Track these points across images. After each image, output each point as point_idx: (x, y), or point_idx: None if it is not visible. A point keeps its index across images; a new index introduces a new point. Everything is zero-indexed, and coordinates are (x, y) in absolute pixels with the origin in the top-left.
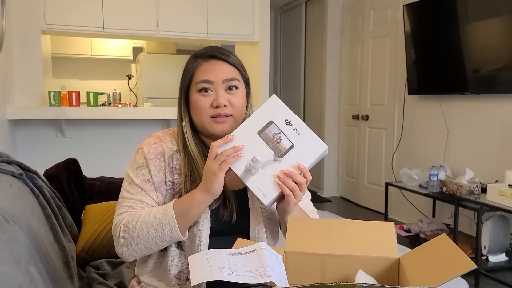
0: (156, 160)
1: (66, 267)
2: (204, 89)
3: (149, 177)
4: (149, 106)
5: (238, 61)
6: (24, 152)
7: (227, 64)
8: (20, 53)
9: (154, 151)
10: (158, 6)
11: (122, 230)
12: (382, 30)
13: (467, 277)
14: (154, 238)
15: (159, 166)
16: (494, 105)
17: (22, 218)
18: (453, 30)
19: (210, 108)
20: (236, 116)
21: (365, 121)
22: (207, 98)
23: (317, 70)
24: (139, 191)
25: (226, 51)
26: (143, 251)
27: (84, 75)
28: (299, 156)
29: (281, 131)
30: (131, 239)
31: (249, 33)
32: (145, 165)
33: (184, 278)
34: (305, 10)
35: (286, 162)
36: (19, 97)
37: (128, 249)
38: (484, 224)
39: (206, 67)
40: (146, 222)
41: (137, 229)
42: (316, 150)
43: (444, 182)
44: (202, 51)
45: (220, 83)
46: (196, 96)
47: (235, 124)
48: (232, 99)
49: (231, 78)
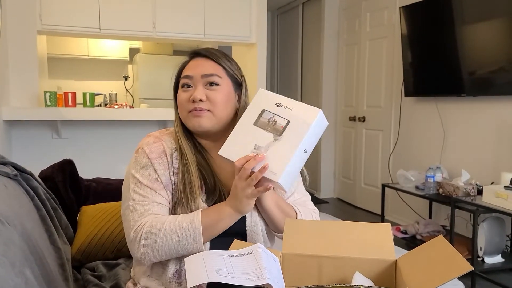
0: (160, 159)
1: (61, 269)
2: (186, 84)
3: (155, 176)
4: (145, 107)
5: (226, 61)
6: (19, 153)
7: (210, 60)
8: (15, 53)
9: (156, 150)
10: (155, 7)
11: (144, 235)
12: (379, 32)
13: (464, 279)
14: (176, 247)
15: (163, 165)
16: (490, 107)
17: (17, 219)
18: (449, 32)
19: (188, 103)
20: (216, 112)
21: (362, 122)
22: (186, 93)
23: (314, 72)
24: (150, 192)
25: (214, 50)
26: (163, 257)
27: (80, 75)
28: (298, 128)
29: (274, 114)
30: (153, 245)
31: (246, 35)
32: (149, 165)
33: (183, 276)
34: (302, 11)
35: (286, 138)
36: (14, 97)
37: (148, 254)
38: (480, 226)
39: (191, 64)
40: (171, 229)
41: (160, 235)
42: (311, 117)
43: (441, 184)
44: (193, 50)
45: (199, 78)
46: (179, 92)
47: (214, 120)
48: (211, 95)
49: (210, 73)
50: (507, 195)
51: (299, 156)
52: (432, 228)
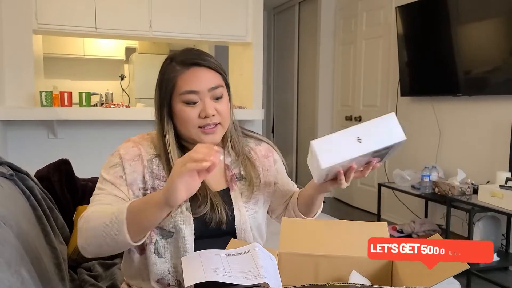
0: (133, 161)
1: (57, 269)
2: (192, 101)
3: (122, 174)
4: (141, 107)
5: (219, 65)
6: (15, 152)
7: (210, 70)
8: (11, 53)
9: (132, 152)
10: (151, 7)
11: (84, 219)
12: (375, 31)
13: (459, 278)
14: (103, 234)
15: (135, 167)
16: (486, 106)
17: (12, 219)
18: (445, 32)
19: (198, 119)
20: (224, 123)
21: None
22: (194, 109)
23: (310, 71)
24: (110, 185)
25: (206, 55)
26: (93, 247)
27: (76, 75)
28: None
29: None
30: (85, 230)
31: (242, 34)
32: (119, 164)
33: (166, 284)
34: (298, 11)
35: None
36: (10, 97)
37: (81, 240)
38: (475, 225)
39: (189, 75)
40: (102, 214)
41: (93, 220)
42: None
43: (436, 183)
44: (182, 57)
45: (206, 92)
46: (181, 107)
47: (223, 131)
48: (219, 107)
49: (216, 86)
50: (503, 194)
51: (348, 139)
52: (428, 227)
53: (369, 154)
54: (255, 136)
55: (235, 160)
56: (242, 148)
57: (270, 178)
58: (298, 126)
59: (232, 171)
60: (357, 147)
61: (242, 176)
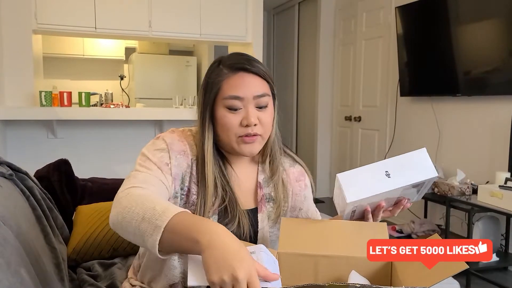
0: (179, 154)
1: (57, 269)
2: (235, 107)
3: (167, 161)
4: (141, 107)
5: (267, 72)
6: (15, 152)
7: (258, 77)
8: (10, 52)
9: (178, 146)
10: (150, 6)
11: (125, 192)
12: (375, 32)
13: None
14: (136, 223)
15: (180, 161)
16: (485, 106)
17: (12, 219)
18: (444, 32)
19: (239, 127)
20: (264, 135)
21: (358, 122)
22: (236, 116)
23: (310, 72)
24: (156, 168)
25: (255, 61)
26: (121, 225)
27: (76, 75)
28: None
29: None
30: (123, 206)
31: (242, 34)
32: (166, 150)
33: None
34: (298, 11)
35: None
36: (9, 97)
37: (113, 212)
38: (475, 225)
39: (236, 80)
40: (146, 201)
41: (134, 200)
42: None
43: (436, 183)
44: (230, 61)
45: (250, 100)
46: (224, 113)
47: (263, 143)
48: (262, 117)
49: (262, 94)
50: (502, 194)
51: (376, 173)
52: (428, 228)
53: (398, 191)
54: (292, 156)
55: (269, 179)
56: (278, 168)
57: (297, 203)
58: (298, 126)
59: (263, 190)
60: (385, 182)
61: (271, 198)
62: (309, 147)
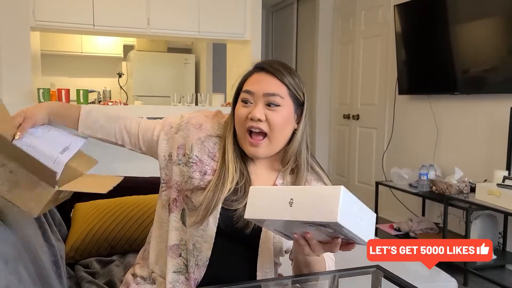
0: (193, 127)
1: (55, 266)
2: (246, 100)
3: (173, 127)
4: (139, 104)
5: (291, 80)
6: None
7: (275, 78)
8: (8, 49)
9: (197, 119)
10: (149, 4)
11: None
12: (373, 30)
13: (456, 276)
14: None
15: (190, 133)
16: (483, 105)
17: (10, 216)
18: (443, 31)
19: (246, 120)
20: (272, 136)
21: (356, 120)
22: (246, 109)
23: (308, 70)
24: (151, 123)
25: (280, 65)
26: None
27: (74, 72)
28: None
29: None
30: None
31: (241, 32)
32: (177, 122)
33: (178, 253)
34: (296, 9)
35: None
36: (7, 94)
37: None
38: (473, 223)
39: (254, 78)
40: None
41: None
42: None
43: (434, 182)
44: (259, 63)
45: (260, 96)
46: (238, 106)
47: (271, 148)
48: (271, 116)
49: (273, 93)
50: (500, 193)
51: (281, 198)
52: (425, 226)
53: (299, 224)
54: (319, 174)
55: (289, 185)
56: (302, 179)
57: None
58: None
59: None
60: (285, 210)
61: None
62: None
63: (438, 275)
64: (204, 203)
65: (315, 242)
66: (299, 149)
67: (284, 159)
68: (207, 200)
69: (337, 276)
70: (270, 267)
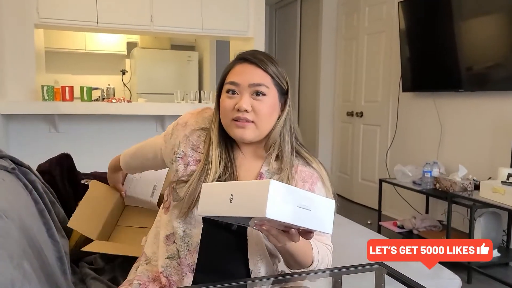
0: (181, 127)
1: (59, 262)
2: (231, 90)
3: (170, 132)
4: (143, 102)
5: (274, 69)
6: (17, 146)
7: (259, 69)
8: (12, 47)
9: (183, 118)
10: (152, 1)
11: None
12: (377, 26)
13: (460, 273)
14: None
15: (178, 132)
16: (487, 102)
17: (15, 213)
18: (447, 28)
19: (233, 111)
20: (259, 124)
21: (360, 117)
22: (231, 100)
23: (312, 67)
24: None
25: (263, 55)
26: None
27: (77, 70)
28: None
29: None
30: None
31: (244, 29)
32: (171, 128)
33: (172, 240)
34: (300, 6)
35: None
36: (11, 91)
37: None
38: (477, 221)
39: (238, 69)
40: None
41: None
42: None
43: (438, 179)
44: (242, 54)
45: (246, 87)
46: (223, 97)
47: (257, 132)
48: (257, 105)
49: (258, 83)
50: (504, 190)
51: (223, 195)
52: (429, 223)
53: (243, 219)
54: (306, 158)
55: (275, 172)
56: (287, 165)
57: None
58: (299, 122)
59: (265, 179)
60: (226, 206)
61: None
62: (311, 142)
63: (441, 273)
64: (187, 197)
65: (275, 232)
66: (282, 133)
67: (267, 145)
68: (190, 192)
69: (340, 273)
70: (262, 254)
